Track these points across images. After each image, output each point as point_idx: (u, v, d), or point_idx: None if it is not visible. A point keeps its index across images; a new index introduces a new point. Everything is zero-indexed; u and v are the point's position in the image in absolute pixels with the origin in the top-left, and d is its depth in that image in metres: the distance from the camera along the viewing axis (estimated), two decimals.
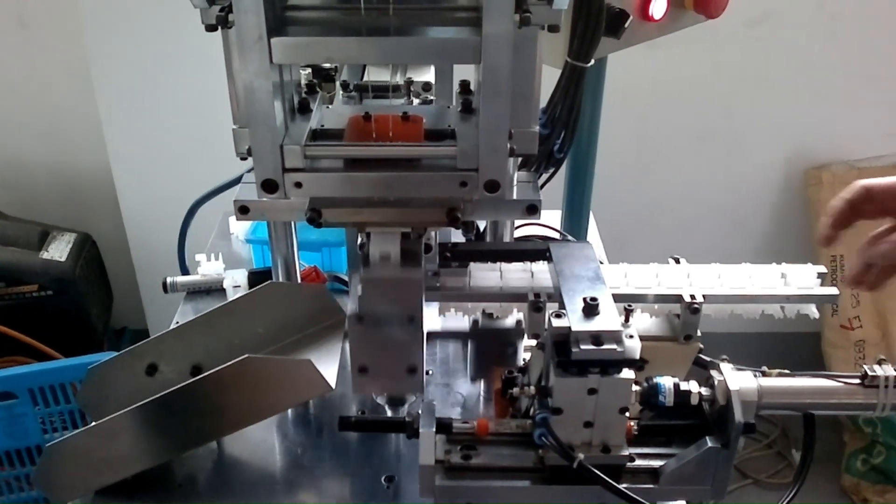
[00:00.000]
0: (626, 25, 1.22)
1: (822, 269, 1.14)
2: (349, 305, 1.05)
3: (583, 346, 0.92)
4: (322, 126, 1.03)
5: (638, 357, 0.93)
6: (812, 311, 1.14)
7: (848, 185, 1.08)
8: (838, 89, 2.53)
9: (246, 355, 1.06)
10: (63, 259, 2.42)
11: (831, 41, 2.45)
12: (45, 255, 2.41)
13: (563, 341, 0.93)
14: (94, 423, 1.11)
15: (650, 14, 1.31)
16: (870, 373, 1.00)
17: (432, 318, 1.27)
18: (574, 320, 0.94)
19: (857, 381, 1.01)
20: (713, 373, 1.01)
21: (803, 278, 1.14)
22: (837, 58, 2.48)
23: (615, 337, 0.92)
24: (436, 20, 0.97)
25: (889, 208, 1.04)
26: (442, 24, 0.96)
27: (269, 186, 0.97)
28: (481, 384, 1.35)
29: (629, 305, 1.01)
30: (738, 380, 0.99)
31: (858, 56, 2.48)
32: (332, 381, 1.09)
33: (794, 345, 2.67)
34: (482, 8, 0.85)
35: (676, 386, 0.99)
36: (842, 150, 2.62)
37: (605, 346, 0.92)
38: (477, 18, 0.88)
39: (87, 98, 2.41)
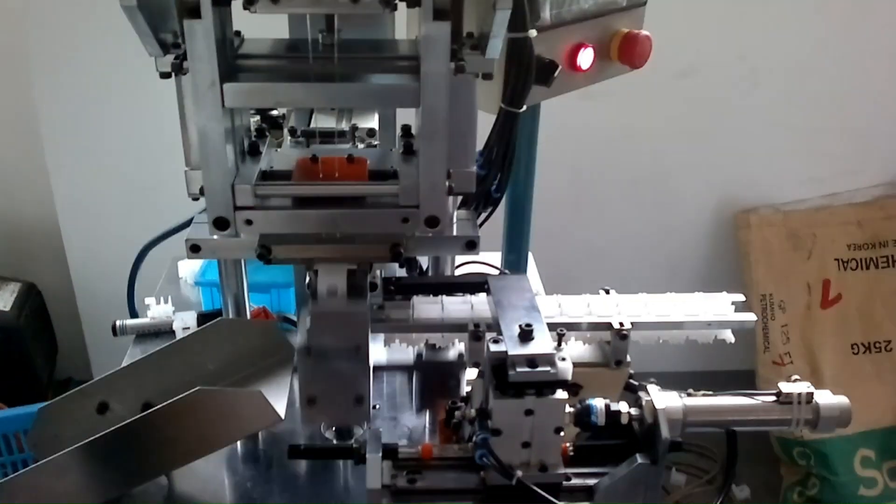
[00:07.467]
0: (556, 75, 1.30)
1: (741, 297, 1.23)
2: (298, 338, 1.09)
3: (519, 369, 0.98)
4: (271, 167, 1.08)
5: (570, 378, 0.99)
6: (729, 336, 1.22)
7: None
8: (762, 137, 2.67)
9: (197, 387, 1.10)
10: (7, 309, 2.41)
11: (753, 91, 2.60)
12: None
13: (500, 365, 1.00)
14: (42, 461, 1.12)
15: (578, 64, 1.38)
16: (784, 390, 1.08)
17: (378, 351, 1.32)
18: (510, 346, 1.00)
19: (774, 398, 1.09)
20: (641, 394, 1.08)
21: (722, 307, 1.22)
22: (760, 107, 2.62)
23: (548, 360, 0.98)
24: (378, 69, 1.04)
25: None
26: (384, 73, 1.03)
27: (220, 224, 1.01)
28: (426, 417, 1.39)
29: (562, 331, 1.08)
30: (664, 399, 1.06)
31: (778, 105, 2.62)
32: (282, 412, 1.13)
33: (730, 383, 2.75)
34: (420, 56, 0.92)
35: (607, 406, 1.06)
36: (768, 194, 2.76)
37: (539, 369, 0.98)
38: (416, 67, 0.95)
39: (34, 147, 2.43)
